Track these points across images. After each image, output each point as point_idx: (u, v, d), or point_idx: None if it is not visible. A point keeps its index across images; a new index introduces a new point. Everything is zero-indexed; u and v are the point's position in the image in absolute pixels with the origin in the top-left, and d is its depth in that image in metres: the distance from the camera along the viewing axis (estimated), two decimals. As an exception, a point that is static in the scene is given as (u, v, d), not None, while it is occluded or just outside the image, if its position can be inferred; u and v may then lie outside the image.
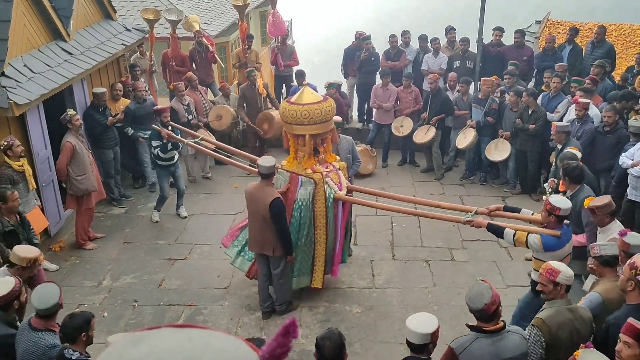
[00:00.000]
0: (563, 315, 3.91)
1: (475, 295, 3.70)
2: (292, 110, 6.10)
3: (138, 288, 6.93)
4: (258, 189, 5.89)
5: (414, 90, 10.09)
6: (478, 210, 5.61)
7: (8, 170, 6.48)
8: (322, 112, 6.09)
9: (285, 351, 0.87)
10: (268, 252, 6.02)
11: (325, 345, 3.50)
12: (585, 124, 7.69)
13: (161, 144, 7.95)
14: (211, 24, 14.21)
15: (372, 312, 6.43)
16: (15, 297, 4.18)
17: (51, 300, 4.01)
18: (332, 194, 6.22)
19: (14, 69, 6.63)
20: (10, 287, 4.14)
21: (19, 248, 4.89)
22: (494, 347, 3.64)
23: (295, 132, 6.25)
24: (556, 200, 5.00)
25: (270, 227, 5.85)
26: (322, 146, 6.39)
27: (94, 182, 7.63)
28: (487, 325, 3.69)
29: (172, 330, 0.86)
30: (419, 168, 10.40)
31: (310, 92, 6.30)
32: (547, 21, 14.25)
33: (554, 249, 4.90)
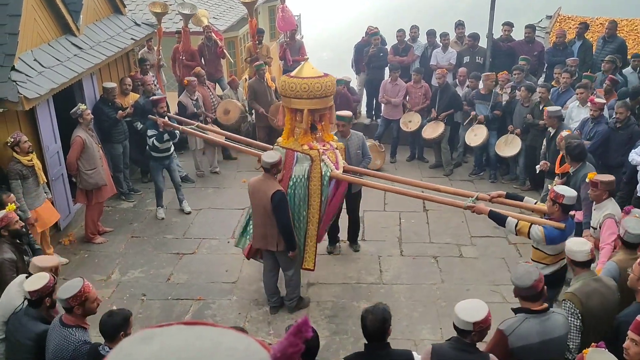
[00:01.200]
0: (590, 285, 4.12)
1: (522, 274, 3.79)
2: (291, 83, 5.99)
3: (146, 282, 6.96)
4: (260, 182, 5.85)
5: (423, 86, 10.03)
6: (479, 195, 5.57)
7: (17, 166, 6.51)
8: (322, 86, 5.98)
9: (297, 350, 0.86)
10: (272, 248, 5.97)
11: (368, 318, 3.53)
12: (599, 125, 7.55)
13: (157, 133, 7.95)
14: (220, 18, 14.20)
15: (380, 308, 6.41)
16: (48, 294, 4.13)
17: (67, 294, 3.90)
18: (328, 172, 6.12)
19: (24, 63, 6.65)
20: (43, 283, 4.10)
21: (38, 259, 4.73)
22: (541, 326, 3.71)
23: (294, 106, 6.14)
24: (561, 189, 5.00)
25: (272, 221, 5.80)
26: (320, 123, 6.30)
27: (104, 176, 7.66)
28: (534, 305, 3.77)
29: (183, 327, 0.86)
30: (428, 164, 10.36)
31: (310, 67, 6.19)
32: (558, 16, 14.12)
33: (556, 242, 4.91)
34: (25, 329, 4.10)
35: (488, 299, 6.43)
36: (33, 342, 4.05)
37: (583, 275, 4.20)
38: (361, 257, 7.37)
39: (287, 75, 6.27)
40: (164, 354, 0.80)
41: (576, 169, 6.35)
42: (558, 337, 3.76)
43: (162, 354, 0.80)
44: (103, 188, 7.68)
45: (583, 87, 8.24)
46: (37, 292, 4.08)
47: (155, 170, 8.34)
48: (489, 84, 9.24)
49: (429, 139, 9.81)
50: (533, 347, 3.66)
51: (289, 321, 6.19)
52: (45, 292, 4.11)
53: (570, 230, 4.98)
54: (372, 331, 3.53)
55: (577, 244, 4.28)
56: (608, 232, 5.34)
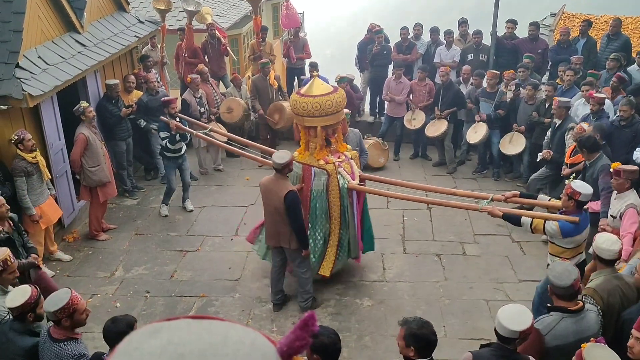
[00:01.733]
0: (611, 282, 4.15)
1: (561, 273, 3.79)
2: (302, 103, 6.08)
3: (150, 279, 6.98)
4: (272, 182, 5.87)
5: (427, 84, 10.02)
6: (494, 197, 5.63)
7: (22, 163, 6.53)
8: (333, 103, 6.08)
9: (304, 344, 0.86)
10: (285, 245, 6.00)
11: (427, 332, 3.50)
12: (601, 119, 7.59)
13: (169, 135, 7.94)
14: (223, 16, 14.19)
15: (383, 305, 6.43)
16: (30, 309, 3.91)
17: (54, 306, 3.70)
18: (345, 184, 6.22)
19: (28, 61, 6.67)
20: (24, 299, 3.87)
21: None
22: (577, 325, 3.73)
23: (307, 124, 6.24)
24: (578, 185, 5.04)
25: (284, 220, 5.83)
26: (333, 136, 6.38)
27: (107, 173, 7.68)
28: (570, 304, 3.78)
29: (190, 321, 0.87)
30: (431, 162, 10.35)
31: (320, 84, 6.28)
32: (562, 13, 14.09)
33: (572, 235, 4.95)
34: (13, 346, 3.90)
35: (491, 297, 6.45)
36: (23, 358, 3.87)
37: (605, 271, 4.25)
38: (364, 255, 7.36)
39: (297, 93, 6.34)
40: (171, 347, 0.81)
41: (593, 160, 6.48)
42: (592, 334, 3.76)
43: (169, 347, 0.81)
44: (107, 185, 7.70)
45: (588, 84, 8.22)
46: (18, 308, 3.88)
47: (169, 169, 8.35)
48: (493, 82, 9.22)
49: (433, 136, 9.80)
50: (569, 346, 3.66)
51: (292, 319, 6.21)
52: (27, 307, 3.89)
53: (584, 223, 5.03)
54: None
55: (607, 242, 4.27)
56: (630, 222, 5.41)
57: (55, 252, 7.27)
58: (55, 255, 7.25)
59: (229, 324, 0.87)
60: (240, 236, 7.86)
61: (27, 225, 6.70)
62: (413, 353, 3.44)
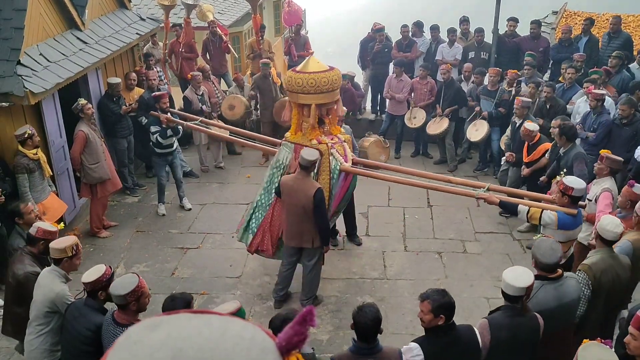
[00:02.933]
0: (606, 262, 4.37)
1: (546, 251, 4.02)
2: (297, 79, 5.99)
3: (151, 276, 6.98)
4: (297, 181, 5.76)
5: (429, 82, 10.01)
6: (490, 186, 5.68)
7: (24, 159, 6.55)
8: (328, 80, 6.00)
9: (302, 339, 0.87)
10: (307, 245, 5.92)
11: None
12: (601, 116, 7.60)
13: (160, 129, 7.90)
14: (225, 13, 14.21)
15: (384, 303, 6.43)
16: (102, 287, 4.05)
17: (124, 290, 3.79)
18: (337, 165, 6.14)
19: (29, 58, 6.68)
20: (96, 276, 4.02)
21: (54, 242, 4.53)
22: (557, 291, 4.00)
23: (301, 102, 6.15)
24: (570, 181, 5.09)
25: (310, 219, 5.75)
26: (327, 117, 6.31)
27: (107, 170, 7.68)
28: (550, 274, 4.03)
29: (190, 315, 0.87)
30: (432, 160, 10.35)
31: (316, 61, 6.20)
32: (564, 12, 14.07)
33: (567, 228, 5.01)
34: (85, 320, 4.03)
35: (491, 295, 6.45)
36: (93, 333, 3.99)
37: (602, 251, 4.46)
38: (365, 253, 7.38)
39: (292, 70, 6.25)
40: (171, 341, 0.81)
41: (567, 149, 6.74)
42: (571, 300, 4.05)
43: (169, 341, 0.81)
44: (107, 182, 7.71)
45: (590, 81, 8.21)
46: (91, 284, 4.02)
47: (159, 166, 8.30)
48: (495, 80, 9.22)
49: (434, 134, 9.80)
50: (550, 310, 3.90)
51: (293, 316, 6.22)
52: (99, 285, 4.03)
53: (580, 219, 5.11)
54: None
55: (611, 224, 4.47)
56: (604, 203, 5.64)
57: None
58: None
59: (229, 319, 0.87)
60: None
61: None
62: (443, 321, 3.63)
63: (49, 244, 4.56)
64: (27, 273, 4.66)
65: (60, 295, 4.31)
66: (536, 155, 7.47)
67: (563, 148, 6.81)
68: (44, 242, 4.75)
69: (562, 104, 8.43)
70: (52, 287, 4.32)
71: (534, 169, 7.52)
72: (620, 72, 8.93)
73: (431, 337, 3.68)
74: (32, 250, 4.82)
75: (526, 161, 7.56)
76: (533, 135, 7.47)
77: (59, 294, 4.31)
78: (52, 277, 4.37)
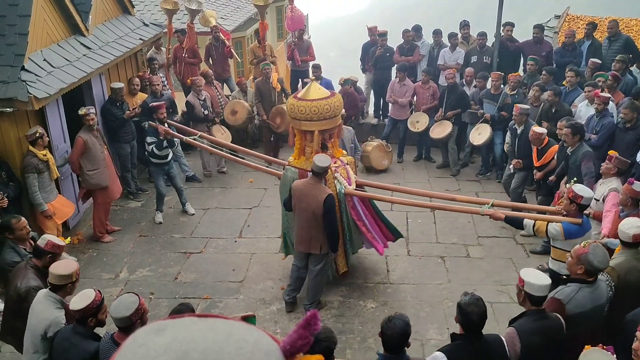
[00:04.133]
0: (630, 262, 4.47)
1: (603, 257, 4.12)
2: (300, 107, 6.06)
3: (154, 281, 7.00)
4: (309, 186, 5.80)
5: (431, 86, 10.02)
6: (494, 202, 5.69)
7: (34, 159, 6.64)
8: (330, 107, 6.07)
9: (306, 343, 0.87)
10: (315, 251, 5.96)
11: (474, 312, 3.60)
12: (605, 118, 7.60)
13: (157, 141, 7.87)
14: (227, 18, 14.24)
15: (387, 307, 6.43)
16: (92, 314, 3.84)
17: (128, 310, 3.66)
18: (342, 189, 6.21)
19: (33, 63, 6.71)
20: (87, 303, 3.81)
21: (56, 266, 4.33)
22: (593, 294, 4.12)
23: (304, 129, 6.22)
24: (579, 189, 5.16)
25: (319, 224, 5.78)
26: (329, 141, 6.37)
27: (107, 178, 7.61)
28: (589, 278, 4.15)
29: (195, 319, 0.88)
30: (435, 164, 10.35)
31: (317, 88, 6.27)
32: (567, 16, 14.07)
33: (575, 237, 5.03)
34: (78, 350, 3.83)
35: (495, 299, 6.44)
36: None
37: (627, 252, 4.54)
38: (368, 257, 7.37)
39: (294, 97, 6.30)
40: (176, 344, 0.82)
41: (575, 148, 6.81)
42: (605, 301, 4.21)
43: (174, 344, 0.82)
44: (107, 189, 7.66)
45: (592, 85, 8.21)
46: (80, 311, 3.81)
47: (157, 175, 8.27)
48: (497, 83, 9.22)
49: (437, 138, 9.80)
50: (586, 312, 4.05)
51: (296, 320, 6.21)
52: (89, 312, 3.82)
53: (587, 226, 5.15)
54: (479, 322, 3.61)
55: (625, 225, 4.58)
56: (611, 203, 5.83)
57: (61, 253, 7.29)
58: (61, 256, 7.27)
59: (233, 323, 0.88)
60: (244, 238, 7.88)
61: (40, 223, 6.83)
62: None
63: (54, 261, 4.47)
64: (29, 288, 4.50)
65: (55, 322, 4.11)
66: (548, 158, 7.46)
67: (571, 147, 6.85)
68: (51, 256, 4.64)
69: (567, 108, 8.42)
70: (47, 315, 4.13)
71: (546, 171, 7.50)
72: (624, 75, 8.92)
73: (458, 346, 3.65)
74: (36, 263, 4.67)
75: (538, 165, 7.55)
76: (542, 138, 7.46)
77: (54, 322, 4.11)
78: (48, 304, 4.18)
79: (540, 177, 7.64)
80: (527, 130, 7.80)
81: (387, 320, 3.69)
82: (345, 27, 58.97)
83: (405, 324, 3.64)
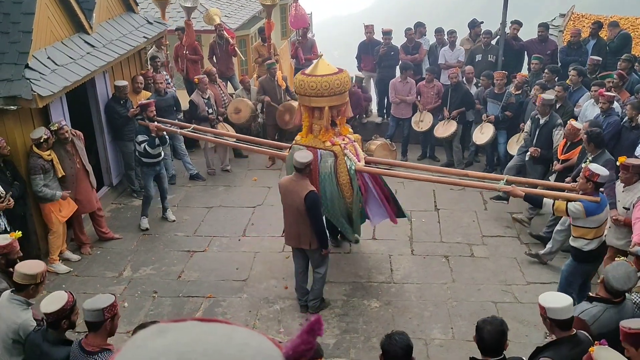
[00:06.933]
0: None
1: (621, 277, 4.01)
2: (311, 82, 6.02)
3: (157, 279, 7.00)
4: (292, 183, 5.82)
5: (436, 85, 9.99)
6: (508, 178, 5.83)
7: (39, 160, 6.67)
8: (341, 82, 6.09)
9: (310, 348, 0.86)
10: (305, 246, 5.98)
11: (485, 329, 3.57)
12: (610, 117, 7.58)
13: (148, 139, 7.69)
14: (231, 17, 14.25)
15: (390, 307, 6.41)
16: (65, 316, 3.76)
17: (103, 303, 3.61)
18: (353, 165, 6.19)
19: (37, 61, 6.71)
20: (61, 304, 3.72)
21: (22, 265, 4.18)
22: (618, 315, 4.01)
23: (314, 105, 6.19)
24: (595, 168, 5.28)
25: (305, 221, 5.79)
26: (337, 118, 6.36)
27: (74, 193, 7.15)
28: (616, 298, 4.07)
29: (196, 323, 0.87)
30: (439, 162, 10.32)
31: (326, 64, 6.25)
32: (572, 14, 14.01)
33: (595, 213, 5.23)
34: (48, 358, 3.77)
35: (499, 299, 6.42)
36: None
37: None
38: (372, 256, 7.36)
39: (302, 74, 6.26)
40: (177, 347, 0.81)
41: (596, 155, 6.62)
42: None
43: (175, 347, 0.81)
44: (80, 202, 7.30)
45: (598, 85, 8.18)
46: (54, 314, 3.71)
47: (147, 177, 8.03)
48: (502, 83, 9.19)
49: (441, 137, 9.77)
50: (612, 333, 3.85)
51: (299, 319, 6.21)
52: (63, 314, 3.74)
53: (604, 202, 5.35)
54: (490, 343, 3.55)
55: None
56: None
57: (65, 252, 7.31)
58: (64, 254, 7.29)
59: (235, 327, 0.87)
60: (248, 237, 7.87)
61: (47, 220, 6.88)
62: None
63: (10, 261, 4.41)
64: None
65: (24, 325, 4.01)
66: (574, 154, 7.33)
67: (592, 154, 6.65)
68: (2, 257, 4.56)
69: (570, 105, 8.43)
70: (14, 318, 4.01)
71: (565, 166, 7.43)
72: (630, 74, 8.88)
73: None
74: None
75: (562, 158, 7.45)
76: (578, 134, 7.31)
77: (23, 324, 4.00)
78: (13, 307, 4.05)
79: (560, 168, 7.56)
80: (552, 122, 7.79)
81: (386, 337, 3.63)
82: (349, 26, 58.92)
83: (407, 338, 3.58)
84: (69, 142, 7.10)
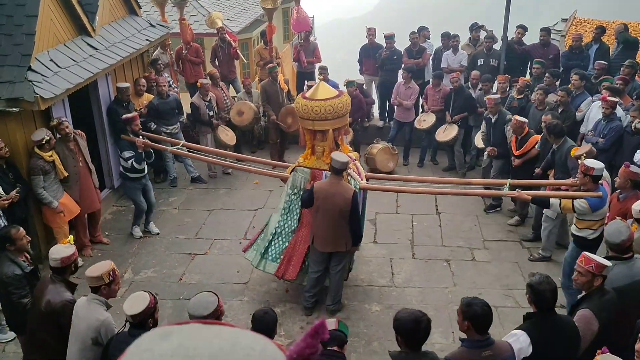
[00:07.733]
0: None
1: (613, 232, 4.47)
2: (314, 107, 6.04)
3: (158, 282, 6.99)
4: (333, 186, 5.80)
5: (442, 89, 9.97)
6: (511, 182, 6.06)
7: (40, 162, 6.67)
8: (343, 105, 6.15)
9: (314, 352, 0.85)
10: (341, 248, 5.98)
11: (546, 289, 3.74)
12: (612, 122, 7.60)
13: (135, 155, 7.48)
14: (234, 20, 14.28)
15: (392, 310, 6.37)
16: (150, 315, 3.89)
17: (206, 310, 3.77)
18: (357, 184, 6.21)
19: (40, 64, 6.72)
20: (145, 304, 3.85)
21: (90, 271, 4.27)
22: (629, 270, 4.39)
23: (317, 128, 6.21)
24: (590, 162, 5.64)
25: (345, 222, 5.81)
26: (338, 138, 6.39)
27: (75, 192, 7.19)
28: (623, 254, 4.45)
29: (201, 326, 0.87)
30: (440, 166, 10.31)
31: (326, 87, 6.28)
32: (574, 19, 14.02)
33: (600, 207, 5.62)
34: None
35: (501, 304, 6.41)
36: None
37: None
38: (373, 260, 7.35)
39: (303, 98, 6.23)
40: (182, 350, 0.81)
41: (560, 144, 7.05)
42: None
43: (180, 350, 0.81)
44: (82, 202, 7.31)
45: (606, 89, 8.19)
46: (140, 315, 3.82)
47: (134, 191, 7.84)
48: (505, 86, 9.19)
49: (443, 142, 9.77)
50: (623, 288, 4.23)
51: (300, 323, 6.20)
52: (148, 313, 3.86)
53: (605, 194, 5.67)
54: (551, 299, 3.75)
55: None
56: None
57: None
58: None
59: (240, 331, 0.86)
60: (249, 240, 7.85)
61: (50, 221, 6.88)
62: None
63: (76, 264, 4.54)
64: (64, 302, 4.36)
65: (107, 322, 4.10)
66: (528, 147, 7.75)
67: (555, 144, 7.11)
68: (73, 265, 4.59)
69: (572, 110, 8.44)
70: (97, 316, 4.09)
71: (525, 159, 7.81)
72: (633, 80, 8.89)
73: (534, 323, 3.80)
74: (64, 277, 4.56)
75: (517, 154, 7.85)
76: (523, 127, 7.77)
77: (105, 322, 4.09)
78: (94, 307, 4.15)
79: (519, 163, 7.91)
80: (501, 119, 8.24)
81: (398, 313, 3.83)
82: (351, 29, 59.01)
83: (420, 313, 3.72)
84: (71, 139, 7.11)
